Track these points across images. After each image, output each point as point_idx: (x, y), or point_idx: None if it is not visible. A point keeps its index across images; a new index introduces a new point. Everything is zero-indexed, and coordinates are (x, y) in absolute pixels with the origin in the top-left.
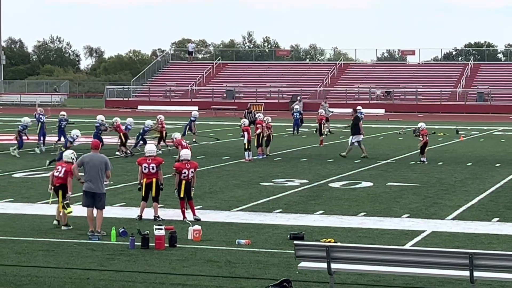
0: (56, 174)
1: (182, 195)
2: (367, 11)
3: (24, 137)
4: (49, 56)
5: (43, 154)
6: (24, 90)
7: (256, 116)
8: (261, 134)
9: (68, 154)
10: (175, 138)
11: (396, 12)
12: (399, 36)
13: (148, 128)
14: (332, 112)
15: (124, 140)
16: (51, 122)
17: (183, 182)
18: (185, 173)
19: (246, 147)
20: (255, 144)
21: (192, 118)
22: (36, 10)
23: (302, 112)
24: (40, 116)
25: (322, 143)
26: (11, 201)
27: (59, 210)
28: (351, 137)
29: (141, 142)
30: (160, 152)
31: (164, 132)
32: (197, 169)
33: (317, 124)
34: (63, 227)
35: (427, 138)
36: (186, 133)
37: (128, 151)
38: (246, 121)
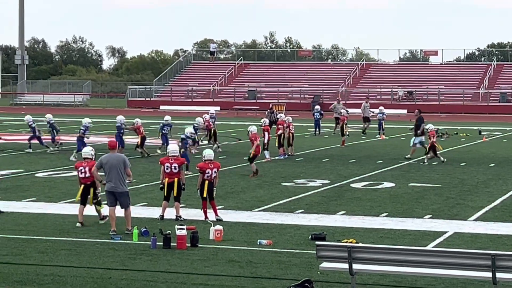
0: (81, 175)
1: (205, 195)
2: (389, 11)
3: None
4: (72, 56)
5: (64, 154)
6: (47, 90)
7: (278, 116)
8: (282, 134)
9: (88, 151)
10: (251, 132)
11: (419, 12)
12: (421, 36)
13: (198, 127)
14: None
15: (141, 141)
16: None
17: (206, 182)
18: (208, 173)
19: (265, 147)
20: (276, 145)
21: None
22: (59, 10)
23: (322, 112)
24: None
25: (344, 144)
26: (34, 200)
27: (82, 211)
28: (413, 138)
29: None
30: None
31: (141, 135)
32: (219, 169)
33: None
34: (100, 221)
35: (435, 140)
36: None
37: (146, 152)
38: (267, 121)
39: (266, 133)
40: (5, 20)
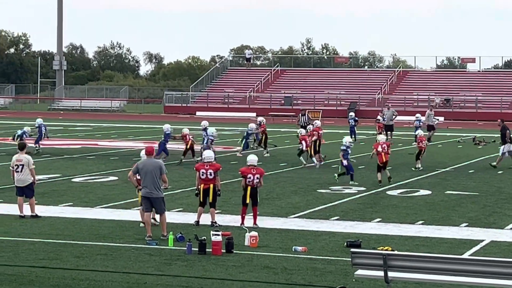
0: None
1: (247, 201)
2: (426, 18)
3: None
4: (109, 62)
5: (97, 159)
6: (84, 96)
7: (313, 123)
8: (318, 141)
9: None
10: (301, 134)
11: (456, 19)
12: (459, 44)
13: (251, 132)
14: (437, 120)
15: (187, 150)
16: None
17: (249, 187)
18: (250, 178)
19: (301, 153)
20: (311, 151)
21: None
22: (97, 16)
23: (357, 119)
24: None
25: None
26: (70, 205)
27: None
28: (502, 146)
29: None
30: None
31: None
32: (263, 175)
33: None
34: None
35: (424, 146)
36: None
37: (182, 159)
38: (303, 131)
39: (303, 142)
40: (44, 26)
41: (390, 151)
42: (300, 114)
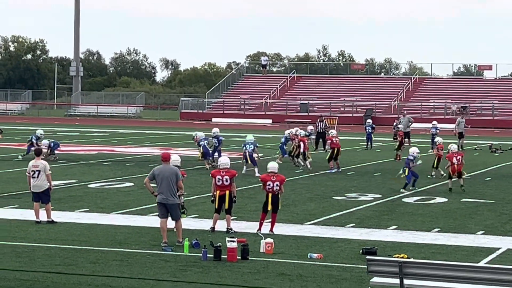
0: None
1: (269, 208)
2: (443, 25)
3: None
4: (125, 68)
5: (113, 165)
6: (101, 102)
7: (329, 132)
8: (335, 149)
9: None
10: (300, 135)
11: (473, 26)
12: (475, 51)
13: (288, 137)
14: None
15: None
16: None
17: (269, 195)
18: (269, 185)
19: (296, 154)
20: (327, 158)
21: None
22: (114, 23)
23: (374, 126)
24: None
25: (399, 158)
26: (86, 211)
27: None
28: None
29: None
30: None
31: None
32: (283, 183)
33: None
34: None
35: (442, 154)
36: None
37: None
38: (302, 132)
39: (301, 143)
40: (61, 32)
41: (464, 160)
42: (318, 120)
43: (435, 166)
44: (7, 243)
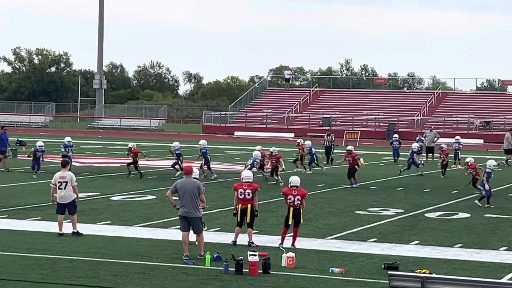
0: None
1: (290, 222)
2: (466, 40)
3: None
4: (148, 81)
5: (136, 178)
6: (124, 115)
7: (348, 147)
8: (356, 164)
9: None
10: (301, 143)
11: (497, 40)
12: (499, 66)
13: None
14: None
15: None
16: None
17: (291, 209)
18: (290, 199)
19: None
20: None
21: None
22: (137, 36)
23: (401, 140)
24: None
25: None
26: (108, 223)
27: None
28: None
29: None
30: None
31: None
32: (305, 197)
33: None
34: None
35: (478, 171)
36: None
37: (274, 177)
38: (302, 141)
39: (301, 150)
40: (85, 45)
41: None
42: (326, 134)
43: (472, 185)
44: (30, 255)
